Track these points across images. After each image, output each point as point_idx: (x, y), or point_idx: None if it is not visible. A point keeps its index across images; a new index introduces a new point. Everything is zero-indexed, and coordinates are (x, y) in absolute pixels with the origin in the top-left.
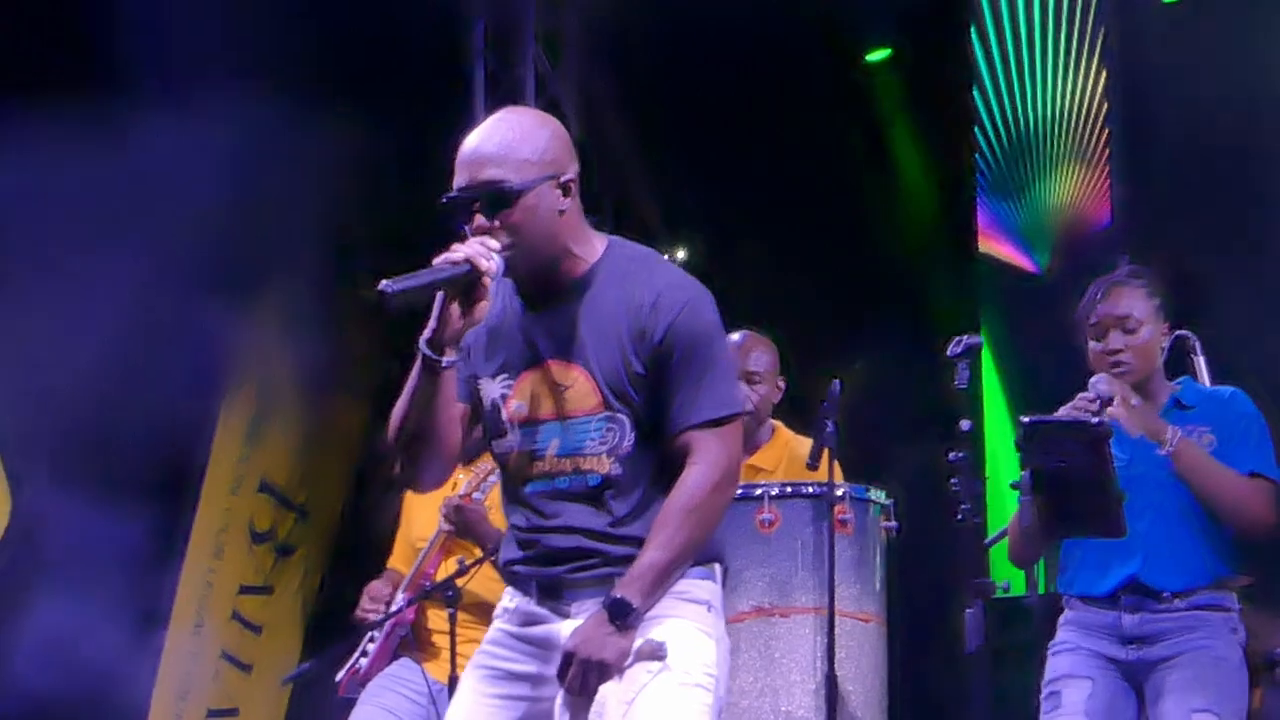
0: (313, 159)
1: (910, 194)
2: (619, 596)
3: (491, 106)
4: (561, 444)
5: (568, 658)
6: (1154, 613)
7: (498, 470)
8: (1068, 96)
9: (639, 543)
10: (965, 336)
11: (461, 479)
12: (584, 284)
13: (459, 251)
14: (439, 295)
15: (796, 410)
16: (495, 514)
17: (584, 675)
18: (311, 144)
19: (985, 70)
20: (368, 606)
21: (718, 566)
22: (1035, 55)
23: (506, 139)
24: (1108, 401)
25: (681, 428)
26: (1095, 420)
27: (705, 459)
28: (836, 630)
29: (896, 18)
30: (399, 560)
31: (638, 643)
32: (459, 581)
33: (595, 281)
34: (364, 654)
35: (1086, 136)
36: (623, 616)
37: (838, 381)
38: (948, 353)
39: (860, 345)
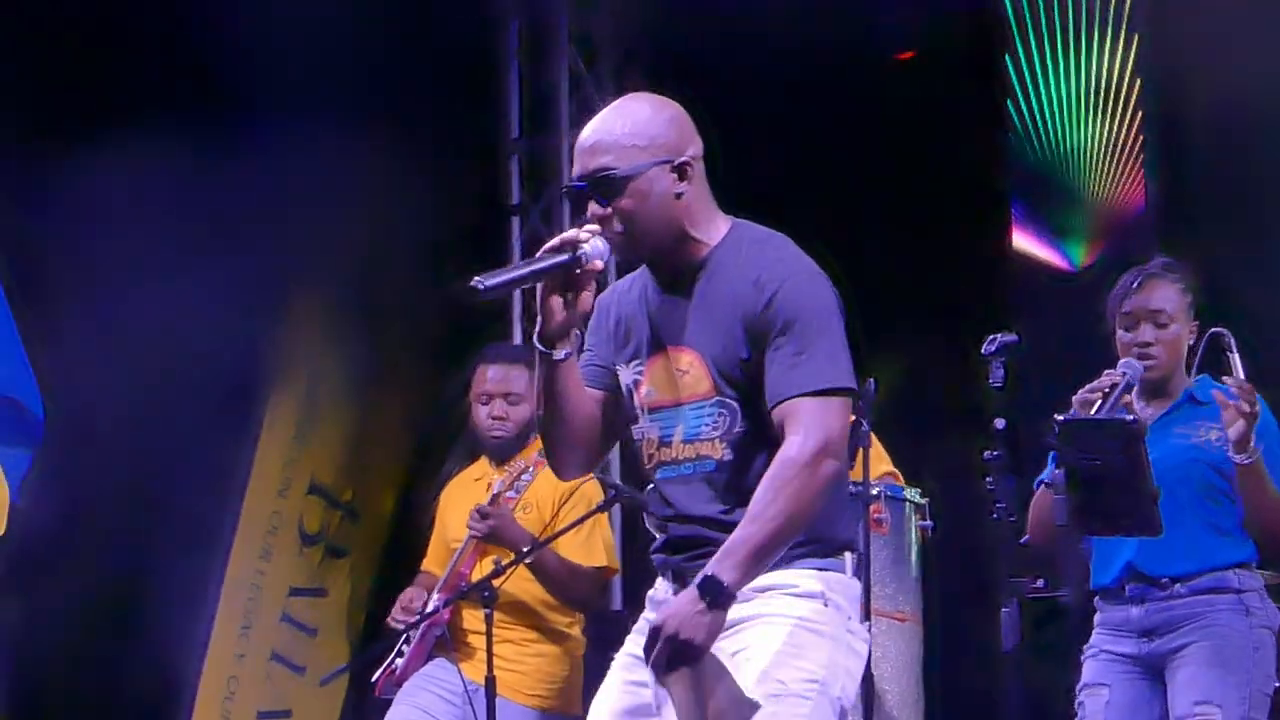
0: (352, 162)
1: (943, 190)
2: (710, 574)
3: (525, 108)
4: (685, 430)
5: (654, 633)
6: (1159, 601)
7: (531, 469)
8: (1100, 86)
9: None
10: (1000, 334)
11: (495, 479)
12: (702, 268)
13: (558, 238)
14: (540, 289)
15: None
16: (529, 514)
17: (670, 653)
18: (350, 147)
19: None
20: (399, 616)
21: (848, 556)
22: (1069, 44)
23: (615, 126)
24: (1133, 385)
25: (779, 400)
26: (1129, 418)
27: (802, 429)
28: (872, 629)
29: (927, 15)
30: (433, 562)
31: (737, 644)
32: (495, 582)
33: (712, 265)
34: (399, 654)
35: (1119, 128)
36: (713, 594)
37: (872, 381)
38: (982, 351)
39: (895, 344)
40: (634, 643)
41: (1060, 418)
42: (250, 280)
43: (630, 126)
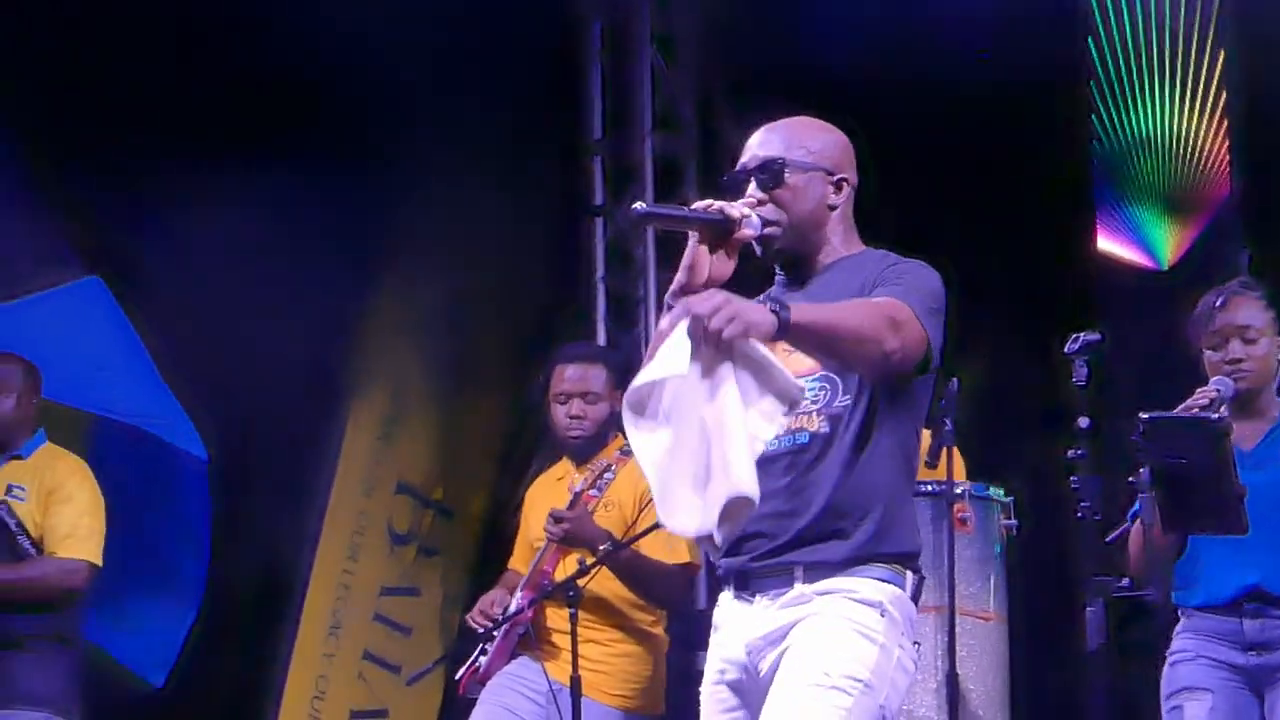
0: (437, 164)
1: (1027, 188)
2: (790, 313)
3: (607, 109)
4: None
5: (716, 299)
6: (1275, 619)
7: (613, 467)
8: (1186, 88)
9: (820, 522)
10: (1083, 333)
11: (576, 478)
12: (830, 269)
13: (712, 202)
14: (691, 243)
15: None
16: (610, 512)
17: (715, 312)
18: (435, 150)
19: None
20: (477, 618)
21: (909, 576)
22: (1153, 42)
23: (788, 126)
24: (1227, 401)
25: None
26: (1214, 416)
27: (891, 302)
28: (957, 629)
29: (1009, 14)
30: (519, 561)
31: (790, 639)
32: (580, 582)
33: (838, 267)
34: (483, 653)
35: (1203, 123)
36: (782, 318)
37: (955, 379)
38: (1065, 349)
39: (979, 343)
40: (713, 678)
41: (1146, 416)
42: (336, 282)
43: (802, 131)
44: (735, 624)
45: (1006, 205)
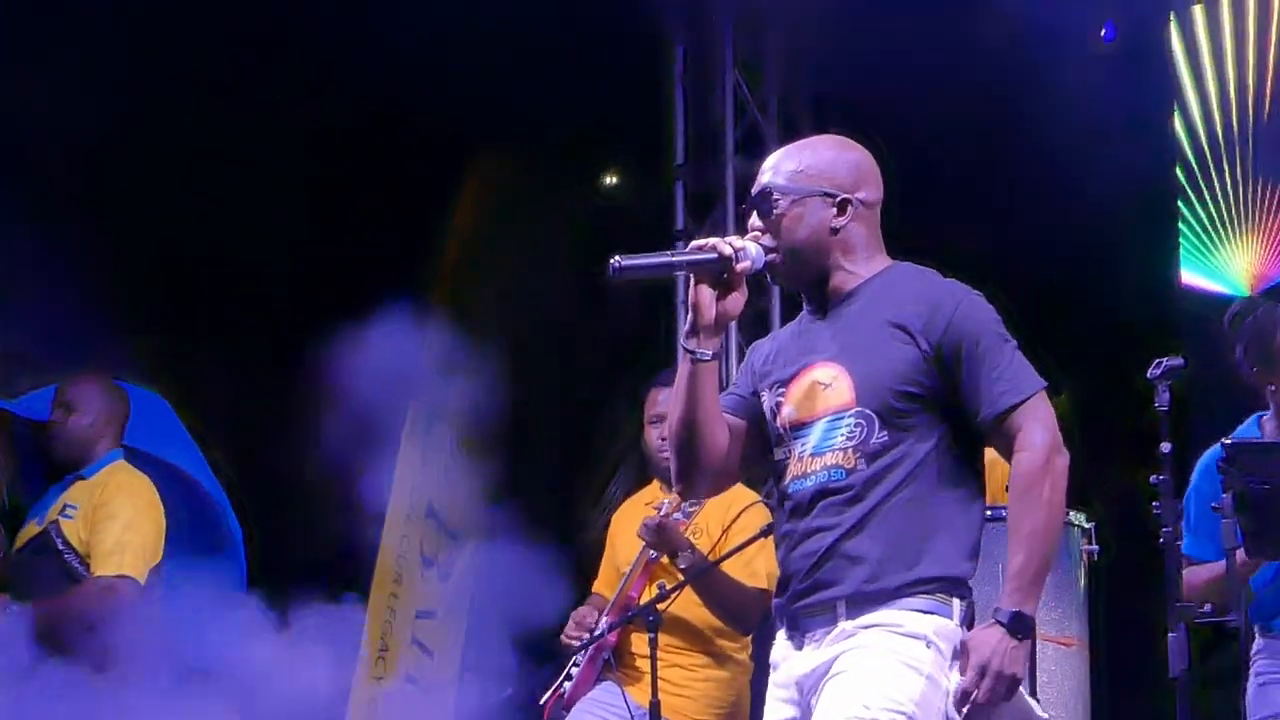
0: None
1: (1109, 214)
2: (1014, 610)
3: (690, 134)
4: (816, 444)
5: (980, 670)
6: None
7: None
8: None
9: (859, 558)
10: (1166, 359)
11: (664, 501)
12: (854, 295)
13: (707, 240)
14: (691, 285)
15: None
16: (699, 539)
17: (994, 688)
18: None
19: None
20: (572, 632)
21: (956, 603)
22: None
23: (792, 153)
24: None
25: (989, 420)
26: None
27: (1024, 443)
28: (1039, 655)
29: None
30: (603, 585)
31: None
32: (660, 606)
33: (863, 293)
34: (568, 677)
35: None
36: (1019, 627)
37: None
38: (1148, 375)
39: (1060, 368)
40: (777, 710)
41: (1229, 441)
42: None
43: (805, 155)
44: (788, 664)
45: (1088, 229)
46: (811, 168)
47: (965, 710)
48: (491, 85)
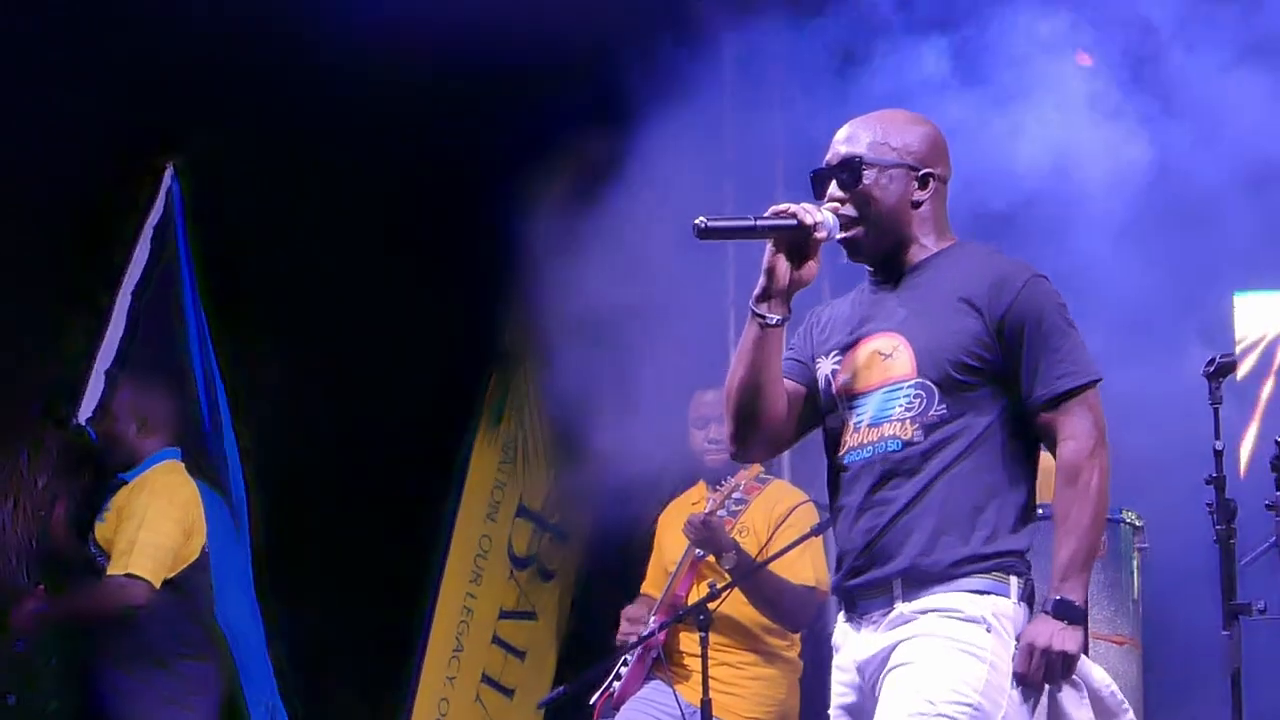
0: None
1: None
2: (1059, 598)
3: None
4: (873, 414)
5: (1029, 649)
6: None
7: (742, 487)
8: None
9: (915, 534)
10: (1218, 355)
11: (709, 498)
12: (921, 268)
13: (787, 206)
14: (768, 249)
15: None
16: (745, 538)
17: (1048, 666)
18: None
19: None
20: (626, 629)
21: (1014, 580)
22: None
23: (871, 124)
24: None
25: (1041, 402)
26: None
27: (1073, 431)
28: (1091, 653)
29: None
30: (651, 585)
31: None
32: (710, 605)
33: (931, 265)
34: (617, 677)
35: None
36: (1069, 614)
37: None
38: (1202, 371)
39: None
40: (835, 701)
41: None
42: (462, 311)
43: (886, 126)
44: (848, 646)
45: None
46: (895, 138)
47: (1023, 690)
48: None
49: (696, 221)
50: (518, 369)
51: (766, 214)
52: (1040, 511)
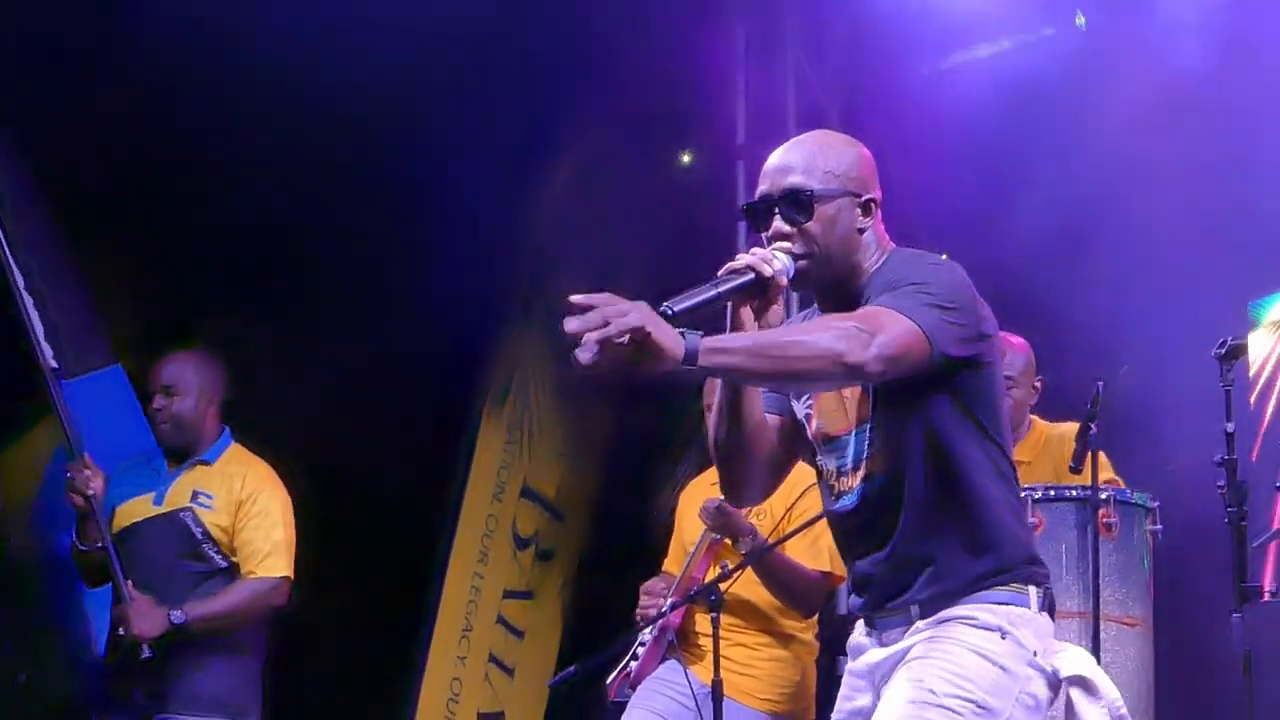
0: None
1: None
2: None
3: (750, 113)
4: (851, 456)
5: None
6: None
7: None
8: None
9: (925, 564)
10: (1230, 337)
11: None
12: (861, 292)
13: (741, 259)
14: (730, 309)
15: (1060, 411)
16: (761, 520)
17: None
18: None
19: None
20: (645, 603)
21: (1033, 590)
22: None
23: (811, 150)
24: None
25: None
26: None
27: (878, 314)
28: (1102, 634)
29: None
30: (672, 563)
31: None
32: (722, 586)
33: (867, 288)
34: (634, 657)
35: None
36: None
37: (1100, 383)
38: (1213, 353)
39: (1126, 347)
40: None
41: None
42: (468, 292)
43: (826, 154)
44: (866, 656)
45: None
46: (837, 166)
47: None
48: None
49: (663, 308)
50: (521, 350)
51: (722, 274)
52: (1052, 493)
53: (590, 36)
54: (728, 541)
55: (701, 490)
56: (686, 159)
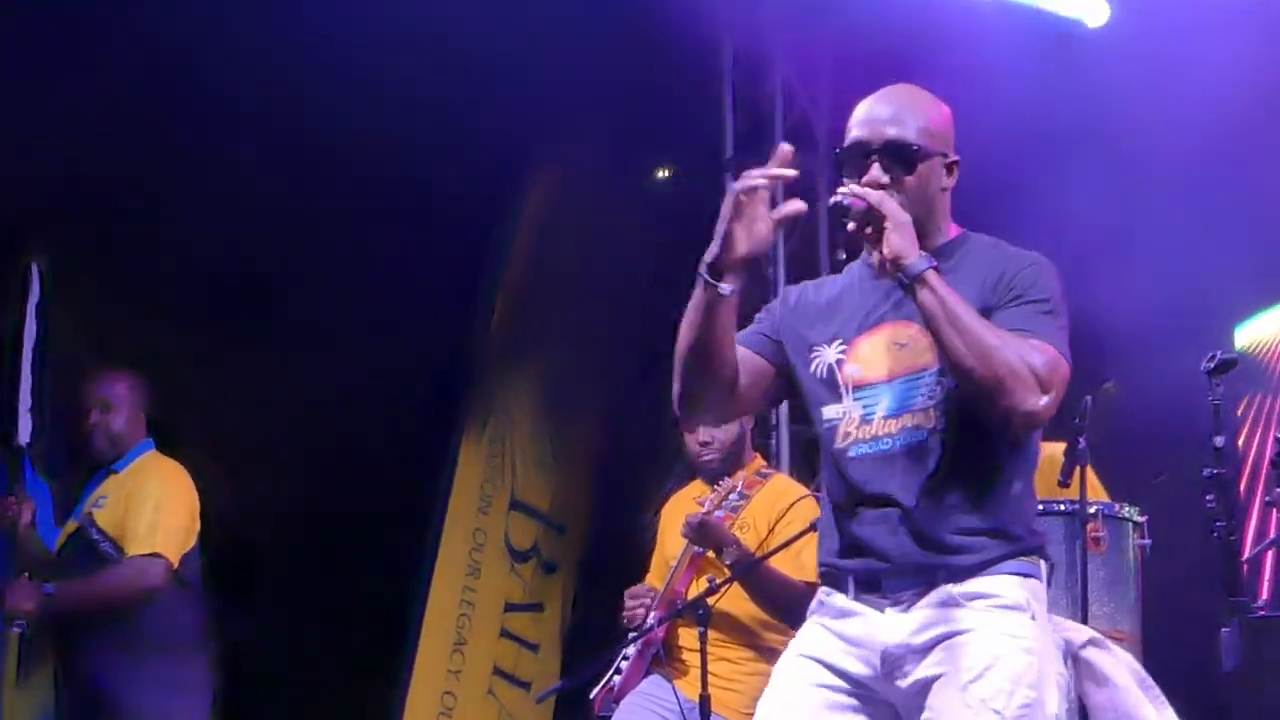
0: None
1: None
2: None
3: (739, 127)
4: (890, 405)
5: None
6: None
7: (739, 487)
8: None
9: (951, 518)
10: (1219, 351)
11: (707, 499)
12: (937, 255)
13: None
14: (725, 215)
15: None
16: (746, 533)
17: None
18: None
19: None
20: (631, 606)
21: (1042, 563)
22: None
23: (915, 104)
24: None
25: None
26: None
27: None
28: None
29: None
30: (654, 578)
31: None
32: (709, 600)
33: (944, 255)
34: (617, 671)
35: None
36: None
37: (1089, 397)
38: (1202, 368)
39: (1113, 361)
40: (807, 645)
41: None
42: (447, 302)
43: (927, 111)
44: (865, 624)
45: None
46: (935, 124)
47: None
48: (537, 87)
49: (835, 199)
50: (502, 365)
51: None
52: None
53: (575, 51)
54: (710, 555)
55: (683, 504)
56: (663, 174)
